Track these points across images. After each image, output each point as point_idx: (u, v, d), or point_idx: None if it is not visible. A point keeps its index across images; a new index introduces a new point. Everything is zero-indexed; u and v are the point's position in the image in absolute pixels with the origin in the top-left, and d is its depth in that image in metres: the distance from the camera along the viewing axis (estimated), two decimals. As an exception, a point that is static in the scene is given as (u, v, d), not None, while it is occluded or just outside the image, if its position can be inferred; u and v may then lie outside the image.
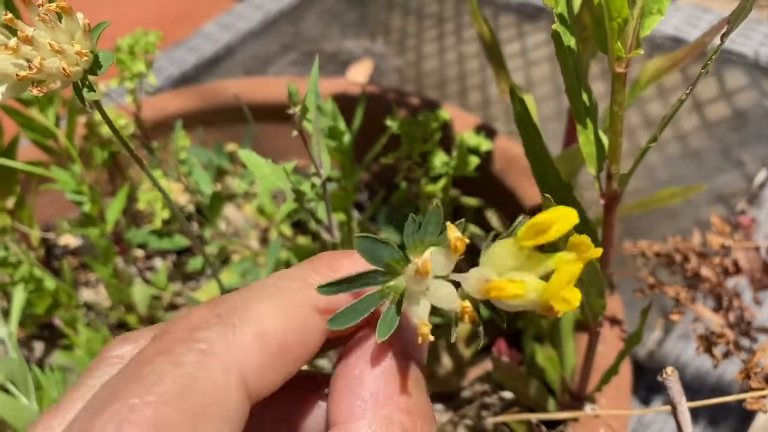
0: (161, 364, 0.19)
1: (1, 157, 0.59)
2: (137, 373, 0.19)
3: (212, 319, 0.21)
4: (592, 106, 0.32)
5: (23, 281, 0.60)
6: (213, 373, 0.19)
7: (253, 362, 0.20)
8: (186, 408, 0.18)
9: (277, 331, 0.21)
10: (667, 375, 0.32)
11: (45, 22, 0.27)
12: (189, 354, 0.19)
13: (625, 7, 0.27)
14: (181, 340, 0.20)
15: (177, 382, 0.19)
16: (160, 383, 0.19)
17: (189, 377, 0.19)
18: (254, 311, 0.21)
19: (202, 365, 0.19)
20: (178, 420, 0.18)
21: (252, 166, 0.40)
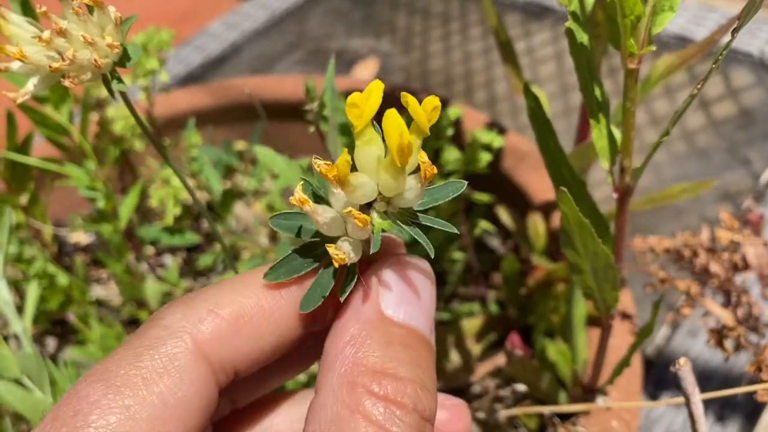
0: (129, 341, 0.23)
1: (16, 153, 0.60)
2: (112, 353, 0.24)
3: (175, 304, 0.24)
4: (605, 102, 0.33)
5: (37, 277, 0.61)
6: (166, 340, 0.23)
7: (206, 331, 0.23)
8: (138, 369, 0.22)
9: (231, 302, 0.24)
10: (680, 365, 0.32)
11: (78, 15, 0.27)
12: (151, 330, 0.23)
13: (639, 5, 0.28)
14: (148, 321, 0.24)
15: (133, 351, 0.23)
16: (120, 353, 0.23)
17: (143, 346, 0.23)
18: (214, 291, 0.25)
19: (159, 335, 0.23)
20: (129, 380, 0.22)
21: (268, 163, 0.41)
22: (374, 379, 0.22)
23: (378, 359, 0.22)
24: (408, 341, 0.23)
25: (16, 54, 0.28)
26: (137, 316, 0.67)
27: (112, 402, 0.21)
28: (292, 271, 0.24)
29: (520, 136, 0.66)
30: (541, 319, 0.52)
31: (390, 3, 1.31)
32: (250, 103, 0.78)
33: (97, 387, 0.22)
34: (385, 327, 0.23)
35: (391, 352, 0.23)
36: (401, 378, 0.22)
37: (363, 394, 0.22)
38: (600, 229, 0.35)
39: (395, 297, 0.24)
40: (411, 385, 0.22)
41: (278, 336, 0.24)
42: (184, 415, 0.22)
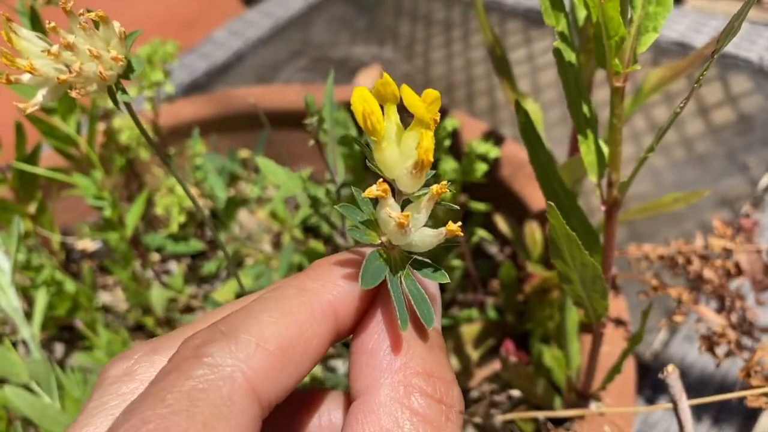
0: (171, 380, 0.21)
1: (24, 163, 0.61)
2: (150, 391, 0.21)
3: (215, 335, 0.23)
4: (593, 118, 0.34)
5: (45, 284, 0.62)
6: (218, 383, 0.21)
7: (257, 368, 0.22)
8: (195, 416, 0.20)
9: (277, 336, 0.23)
10: (668, 373, 0.33)
11: (84, 30, 0.29)
12: (196, 369, 0.21)
13: (622, 27, 0.29)
14: (188, 357, 0.22)
15: (185, 393, 0.21)
16: (170, 397, 0.21)
17: (196, 389, 0.21)
18: (254, 322, 0.23)
19: (208, 377, 0.21)
20: (188, 427, 0.20)
21: (269, 174, 0.42)
22: (428, 382, 0.23)
23: (427, 362, 0.24)
24: (440, 344, 0.25)
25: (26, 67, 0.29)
26: (143, 321, 0.68)
27: None
28: (377, 276, 0.24)
29: (518, 145, 0.67)
30: (538, 326, 0.53)
31: (393, 11, 1.33)
32: (253, 112, 0.79)
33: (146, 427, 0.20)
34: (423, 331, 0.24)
35: (434, 354, 0.24)
36: (447, 380, 0.24)
37: (420, 396, 0.23)
38: (589, 240, 0.36)
39: None
40: (454, 387, 0.24)
41: (315, 359, 0.24)
42: None
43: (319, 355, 0.24)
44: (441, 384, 0.24)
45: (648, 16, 0.31)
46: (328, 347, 0.25)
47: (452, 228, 0.23)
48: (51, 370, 0.57)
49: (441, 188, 0.23)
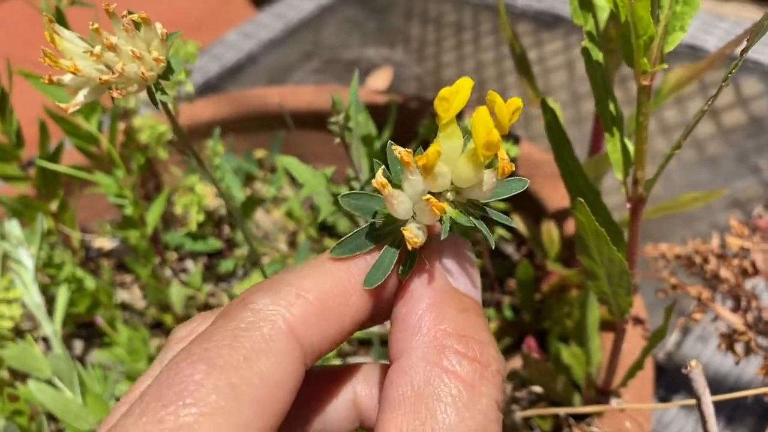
0: (218, 323, 0.24)
1: (47, 161, 0.62)
2: (200, 334, 0.24)
3: (260, 287, 0.25)
4: (619, 116, 0.35)
5: (66, 282, 0.63)
6: (260, 323, 0.23)
7: (297, 314, 0.24)
8: (237, 349, 0.22)
9: (316, 288, 0.25)
10: (692, 367, 0.34)
11: (127, 31, 0.29)
12: (241, 313, 0.24)
13: (651, 26, 0.29)
14: (235, 305, 0.24)
15: (229, 331, 0.23)
16: (215, 335, 0.23)
17: (239, 328, 0.23)
18: (294, 277, 0.25)
19: (251, 319, 0.23)
20: (229, 358, 0.22)
21: (294, 171, 0.43)
22: (461, 341, 0.24)
23: (459, 324, 0.24)
24: (476, 309, 0.25)
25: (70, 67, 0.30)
26: (162, 319, 0.69)
27: (218, 381, 0.21)
28: (356, 249, 0.26)
29: (533, 145, 0.68)
30: (556, 324, 0.53)
31: (404, 13, 1.34)
32: (269, 112, 0.80)
33: (199, 367, 0.22)
34: (458, 296, 0.25)
35: (468, 317, 0.24)
36: (482, 341, 0.24)
37: (453, 355, 0.23)
38: (614, 237, 0.37)
39: (457, 272, 0.26)
40: (492, 347, 0.24)
41: (355, 317, 0.25)
42: (281, 396, 0.23)
43: (358, 313, 0.26)
44: (474, 343, 0.24)
45: (675, 16, 0.32)
46: (367, 311, 0.26)
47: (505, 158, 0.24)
48: (73, 366, 0.57)
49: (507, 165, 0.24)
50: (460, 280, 0.26)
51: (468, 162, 0.24)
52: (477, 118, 0.22)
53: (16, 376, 0.62)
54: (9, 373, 0.61)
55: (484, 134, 0.22)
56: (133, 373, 0.61)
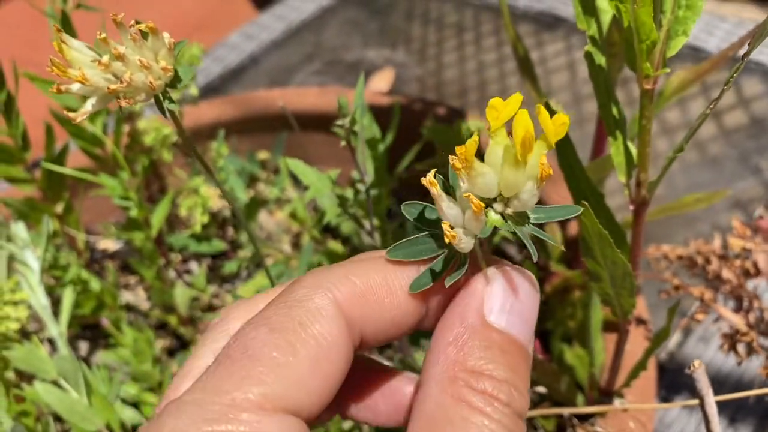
0: (277, 299, 0.27)
1: (53, 163, 0.63)
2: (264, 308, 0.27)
3: (314, 271, 0.28)
4: (622, 120, 0.35)
5: (72, 283, 0.63)
6: (312, 296, 0.26)
7: (344, 292, 0.26)
8: (293, 317, 0.25)
9: (364, 275, 0.27)
10: (695, 368, 0.34)
11: (135, 41, 0.30)
12: (296, 290, 0.27)
13: (654, 31, 0.30)
14: (291, 285, 0.28)
15: (286, 303, 0.26)
16: (273, 306, 0.26)
17: (294, 299, 0.26)
18: (346, 264, 0.28)
19: (304, 292, 0.26)
20: (287, 323, 0.25)
21: (300, 174, 0.43)
22: (473, 376, 0.25)
23: (477, 360, 0.25)
24: (506, 347, 0.26)
25: (78, 77, 0.30)
26: (166, 320, 0.69)
27: (278, 340, 0.24)
28: (410, 255, 0.27)
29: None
30: (559, 325, 0.54)
31: (405, 14, 1.34)
32: (273, 114, 0.80)
33: (261, 330, 0.25)
34: (486, 332, 0.26)
35: (490, 355, 0.25)
36: (497, 378, 0.25)
37: (463, 387, 0.24)
38: (617, 239, 0.37)
39: (498, 304, 0.26)
40: (505, 385, 0.25)
41: (398, 313, 0.27)
42: (334, 357, 0.25)
43: (404, 313, 0.28)
44: (487, 380, 0.25)
45: (678, 20, 0.32)
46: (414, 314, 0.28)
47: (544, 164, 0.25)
48: (78, 367, 0.58)
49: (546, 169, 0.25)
50: (499, 315, 0.26)
51: (509, 165, 0.25)
52: (517, 117, 0.24)
53: (22, 377, 0.62)
54: (15, 375, 0.61)
55: (522, 131, 0.24)
56: (138, 374, 0.61)
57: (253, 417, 0.23)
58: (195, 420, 0.23)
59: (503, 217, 0.26)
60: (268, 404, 0.23)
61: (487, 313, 0.26)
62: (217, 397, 0.23)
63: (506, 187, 0.25)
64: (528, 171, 0.25)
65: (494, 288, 0.26)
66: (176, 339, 0.72)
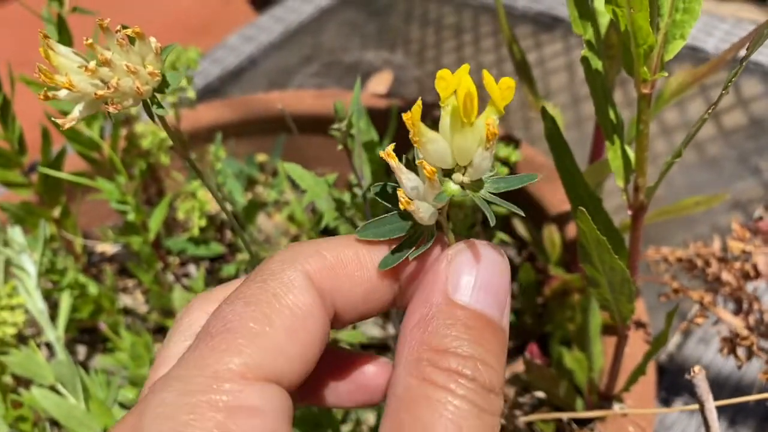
0: (251, 276, 0.27)
1: (50, 168, 0.62)
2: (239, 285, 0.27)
3: (287, 247, 0.28)
4: (619, 124, 0.35)
5: (69, 288, 0.63)
6: (284, 269, 0.27)
7: (315, 266, 0.27)
8: (266, 290, 0.26)
9: (334, 251, 0.28)
10: (695, 373, 0.34)
11: (121, 46, 0.29)
12: (269, 264, 0.27)
13: (651, 36, 0.30)
14: (264, 261, 0.28)
15: (259, 278, 0.27)
16: (248, 282, 0.27)
17: (268, 273, 0.27)
18: (320, 240, 0.29)
19: (276, 267, 0.27)
20: (261, 295, 0.26)
21: (297, 178, 0.43)
22: (437, 355, 0.25)
23: (442, 339, 0.25)
24: (471, 323, 0.26)
25: (65, 83, 0.30)
26: (164, 324, 0.69)
27: (254, 312, 0.25)
28: (379, 234, 0.27)
29: (534, 149, 0.68)
30: (558, 328, 0.53)
31: (404, 15, 1.34)
32: (271, 117, 0.80)
33: (237, 304, 0.26)
34: (450, 310, 0.26)
35: (454, 332, 0.25)
36: (461, 355, 0.25)
37: (427, 366, 0.25)
38: (615, 243, 0.37)
39: (462, 281, 0.26)
40: (470, 360, 0.25)
41: (369, 288, 0.28)
42: (310, 326, 0.26)
43: (374, 289, 0.28)
44: (451, 357, 0.25)
45: (675, 24, 0.32)
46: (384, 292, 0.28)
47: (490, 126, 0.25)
48: (76, 371, 0.58)
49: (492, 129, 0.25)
50: (464, 291, 0.26)
51: (457, 130, 0.25)
52: (460, 80, 0.24)
53: (19, 382, 0.62)
54: (12, 380, 0.61)
55: (463, 91, 0.24)
56: (136, 378, 0.61)
57: (235, 386, 0.24)
58: (181, 392, 0.24)
59: (462, 186, 0.26)
60: (250, 373, 0.24)
61: (451, 290, 0.26)
62: (200, 371, 0.24)
63: (459, 154, 0.26)
64: (477, 135, 0.25)
65: (456, 264, 0.27)
66: (174, 343, 0.71)
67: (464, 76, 0.25)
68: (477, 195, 0.26)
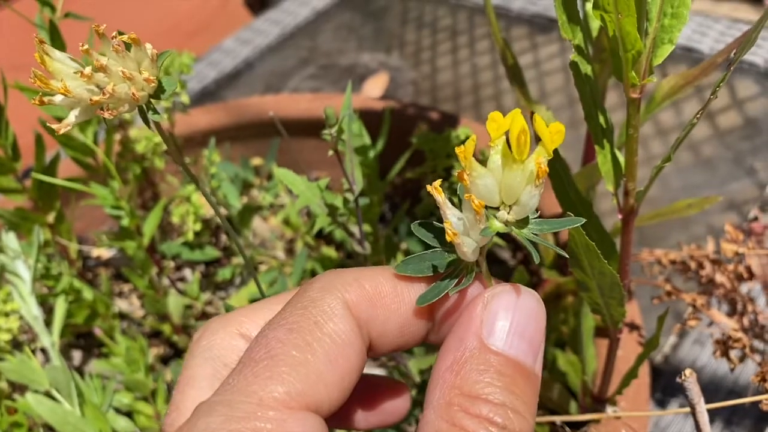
0: (292, 301, 0.28)
1: (43, 174, 0.62)
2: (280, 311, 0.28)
3: (326, 274, 0.29)
4: (609, 128, 0.35)
5: (64, 293, 0.63)
6: (324, 297, 0.27)
7: (353, 295, 0.28)
8: (308, 317, 0.27)
9: (373, 281, 0.28)
10: (686, 377, 0.34)
11: (117, 52, 0.29)
12: (308, 292, 0.28)
13: (639, 41, 0.30)
14: (303, 287, 0.29)
15: (300, 304, 0.27)
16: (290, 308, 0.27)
17: (308, 299, 0.27)
18: (358, 270, 0.29)
19: (316, 295, 0.28)
20: (304, 324, 0.26)
21: (288, 184, 0.43)
22: (468, 400, 0.25)
23: (474, 385, 0.25)
24: (504, 369, 0.26)
25: (60, 89, 0.30)
26: (160, 328, 0.69)
27: (296, 340, 0.26)
28: (417, 270, 0.28)
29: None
30: (552, 331, 0.54)
31: (399, 17, 1.34)
32: (266, 120, 0.80)
33: (280, 330, 0.26)
34: (483, 355, 0.26)
35: (487, 378, 0.25)
36: (493, 402, 0.25)
37: (458, 411, 0.25)
38: (606, 248, 0.37)
39: (497, 325, 0.26)
40: (502, 408, 0.25)
41: (405, 322, 0.28)
42: (349, 354, 0.27)
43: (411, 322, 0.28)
44: (482, 403, 0.25)
45: (663, 29, 0.32)
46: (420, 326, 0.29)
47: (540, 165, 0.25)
48: (71, 377, 0.58)
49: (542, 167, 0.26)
50: (498, 336, 0.26)
51: (508, 167, 0.26)
52: (513, 117, 0.25)
53: (14, 388, 0.62)
54: (7, 386, 0.61)
55: (517, 128, 0.25)
56: (131, 383, 0.61)
57: (279, 415, 0.24)
58: (226, 418, 0.24)
59: (506, 224, 0.26)
60: (293, 402, 0.25)
61: (486, 335, 0.26)
62: (245, 397, 0.25)
63: (507, 192, 0.26)
64: (526, 173, 0.26)
65: (492, 308, 0.26)
66: (170, 347, 0.71)
67: (517, 117, 0.25)
68: (522, 233, 0.26)
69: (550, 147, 0.26)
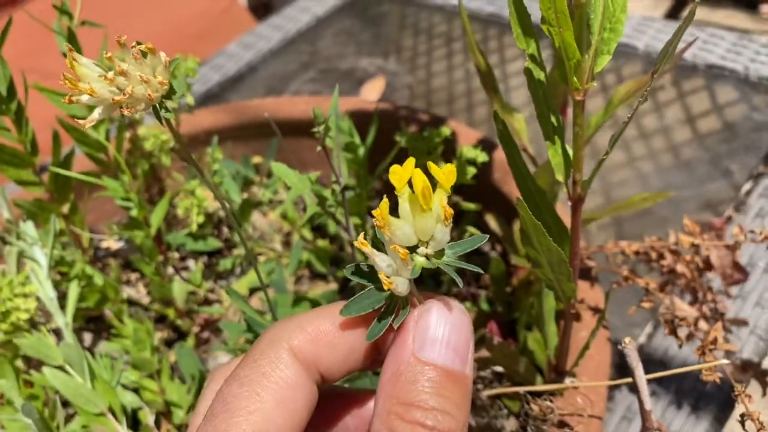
0: (246, 355, 0.32)
1: (59, 168, 0.68)
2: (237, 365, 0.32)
3: (275, 324, 0.33)
4: (559, 126, 0.40)
5: (77, 278, 0.68)
6: (272, 348, 0.32)
7: (299, 341, 0.32)
8: (257, 369, 0.31)
9: (313, 323, 0.32)
10: (626, 344, 0.39)
11: (136, 59, 0.35)
12: (260, 344, 0.32)
13: (577, 52, 0.35)
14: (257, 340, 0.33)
15: (251, 358, 0.32)
16: (243, 363, 0.32)
17: (257, 353, 0.32)
18: (300, 316, 0.33)
19: (265, 346, 0.32)
20: (254, 376, 0.31)
21: (282, 176, 0.48)
22: (403, 408, 0.29)
23: (408, 393, 0.30)
24: (433, 377, 0.30)
25: (88, 90, 0.35)
26: (165, 313, 0.74)
27: (247, 393, 0.30)
28: (360, 310, 0.31)
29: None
30: (523, 313, 0.58)
31: (397, 24, 1.39)
32: (266, 121, 0.85)
33: (234, 385, 0.31)
34: (415, 367, 0.30)
35: (419, 387, 0.30)
36: (423, 407, 0.29)
37: (395, 419, 0.29)
38: (558, 231, 0.42)
39: (426, 338, 0.31)
40: (431, 412, 0.29)
41: (348, 350, 0.32)
42: (297, 396, 0.31)
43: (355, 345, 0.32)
44: (416, 410, 0.29)
45: (603, 41, 0.37)
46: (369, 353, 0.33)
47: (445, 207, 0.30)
48: (83, 354, 0.63)
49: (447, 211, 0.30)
50: (428, 348, 0.31)
51: (418, 215, 0.30)
52: (414, 176, 0.29)
53: (31, 363, 0.67)
54: (25, 361, 0.66)
55: (420, 185, 0.29)
56: (138, 361, 0.66)
57: None
58: None
59: (427, 257, 0.31)
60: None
61: (417, 348, 0.30)
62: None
63: (421, 233, 0.30)
64: (435, 215, 0.30)
65: (421, 325, 0.31)
66: (174, 330, 0.76)
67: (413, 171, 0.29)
68: (441, 262, 0.31)
69: (447, 186, 0.30)
